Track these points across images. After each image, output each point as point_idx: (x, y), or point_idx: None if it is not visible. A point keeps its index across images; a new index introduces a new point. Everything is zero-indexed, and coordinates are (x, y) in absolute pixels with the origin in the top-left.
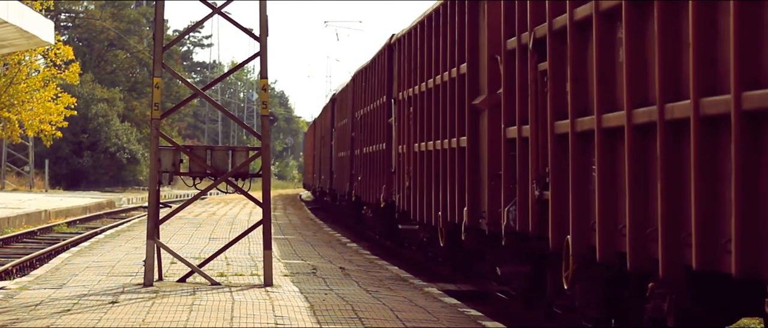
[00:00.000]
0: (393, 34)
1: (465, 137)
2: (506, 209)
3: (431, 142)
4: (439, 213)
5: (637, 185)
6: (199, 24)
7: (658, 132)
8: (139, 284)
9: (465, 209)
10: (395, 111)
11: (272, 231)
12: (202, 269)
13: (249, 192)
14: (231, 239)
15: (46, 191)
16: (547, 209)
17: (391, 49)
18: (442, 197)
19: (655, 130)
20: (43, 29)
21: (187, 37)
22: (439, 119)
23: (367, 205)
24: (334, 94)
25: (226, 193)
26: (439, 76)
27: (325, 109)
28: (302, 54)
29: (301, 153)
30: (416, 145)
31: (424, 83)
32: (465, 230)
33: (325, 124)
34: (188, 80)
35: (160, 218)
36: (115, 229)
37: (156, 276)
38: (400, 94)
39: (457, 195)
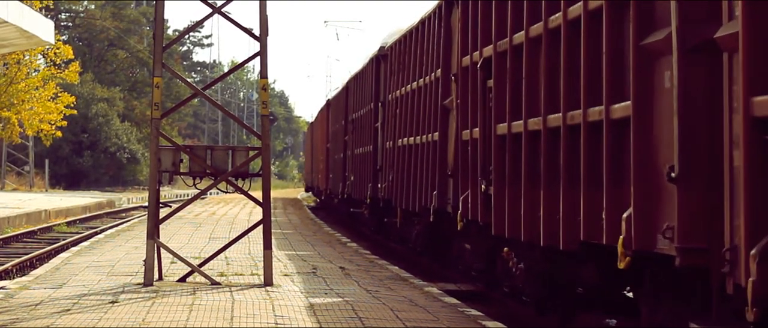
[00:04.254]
0: None
1: None
2: None
3: None
4: None
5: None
6: (199, 24)
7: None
8: (139, 284)
9: None
10: None
11: (272, 231)
12: (202, 269)
13: (249, 192)
14: (231, 239)
15: (46, 190)
16: None
17: None
18: None
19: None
20: (43, 29)
21: (187, 36)
22: None
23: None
24: (383, 45)
25: (226, 193)
26: None
27: (360, 75)
28: (302, 54)
29: (302, 153)
30: None
31: None
32: None
33: (362, 99)
34: (188, 80)
35: (160, 217)
36: (115, 229)
37: (156, 276)
38: None
39: None
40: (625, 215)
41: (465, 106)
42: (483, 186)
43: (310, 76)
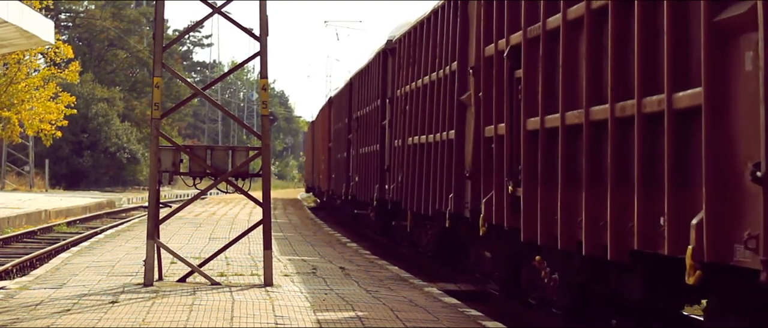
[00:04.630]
0: None
1: None
2: None
3: None
4: None
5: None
6: (199, 23)
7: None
8: (139, 284)
9: None
10: None
11: (272, 231)
12: (202, 269)
13: (249, 192)
14: (231, 239)
15: (46, 190)
16: None
17: None
18: None
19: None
20: (43, 29)
21: (187, 36)
22: None
23: None
24: (390, 38)
25: (226, 193)
26: None
27: (365, 70)
28: (302, 54)
29: (302, 153)
30: None
31: None
32: None
33: (367, 95)
34: (188, 80)
35: (160, 217)
36: (115, 229)
37: (156, 276)
38: None
39: None
40: (694, 222)
41: (488, 100)
42: (510, 187)
43: (310, 76)
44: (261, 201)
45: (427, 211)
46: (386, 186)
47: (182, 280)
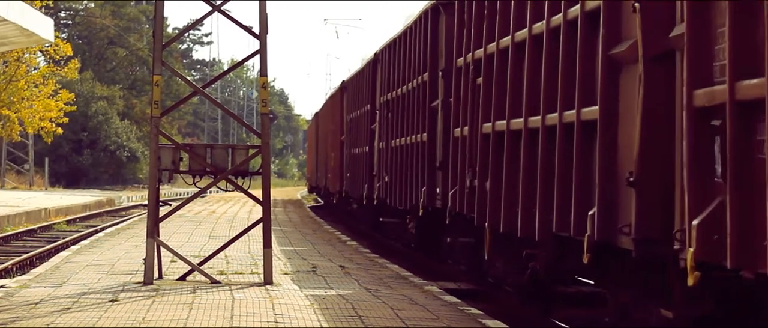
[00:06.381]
0: None
1: None
2: None
3: None
4: None
5: None
6: (198, 22)
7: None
8: (139, 283)
9: None
10: None
11: (272, 229)
12: (202, 268)
13: (249, 190)
14: (231, 238)
15: (46, 189)
16: None
17: None
18: None
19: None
20: (43, 27)
21: (186, 34)
22: None
23: None
24: None
25: (225, 191)
26: None
27: (399, 40)
28: (302, 52)
29: (301, 151)
30: None
31: None
32: None
33: (403, 72)
34: (188, 78)
35: (160, 216)
36: (115, 227)
37: (156, 274)
38: None
39: None
40: None
41: (698, 43)
42: None
43: (309, 74)
44: (261, 199)
45: (526, 232)
46: (437, 190)
47: (182, 278)
